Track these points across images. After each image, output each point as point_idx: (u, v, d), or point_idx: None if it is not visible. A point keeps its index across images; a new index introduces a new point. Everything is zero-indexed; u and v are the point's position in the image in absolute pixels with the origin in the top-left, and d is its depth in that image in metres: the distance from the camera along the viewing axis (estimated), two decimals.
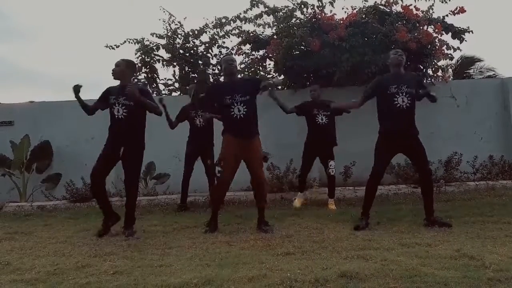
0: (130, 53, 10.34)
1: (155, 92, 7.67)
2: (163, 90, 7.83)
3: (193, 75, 7.74)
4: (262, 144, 3.79)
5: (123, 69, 3.74)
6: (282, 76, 6.86)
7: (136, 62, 7.34)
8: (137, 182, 3.75)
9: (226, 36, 7.42)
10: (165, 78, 7.89)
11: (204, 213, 4.80)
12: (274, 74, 7.30)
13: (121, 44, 7.29)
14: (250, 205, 4.72)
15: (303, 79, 6.81)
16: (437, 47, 6.24)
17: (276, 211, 4.49)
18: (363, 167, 6.05)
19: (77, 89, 3.66)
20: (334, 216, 4.20)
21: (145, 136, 3.75)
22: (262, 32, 7.04)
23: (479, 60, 10.87)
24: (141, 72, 7.51)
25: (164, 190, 6.40)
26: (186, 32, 7.46)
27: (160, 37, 7.40)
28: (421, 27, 6.19)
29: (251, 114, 3.67)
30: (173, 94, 7.90)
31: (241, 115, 3.61)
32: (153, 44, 7.41)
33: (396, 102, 3.59)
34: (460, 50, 6.40)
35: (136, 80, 7.26)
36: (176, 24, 7.41)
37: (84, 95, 3.74)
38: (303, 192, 5.08)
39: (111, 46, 7.20)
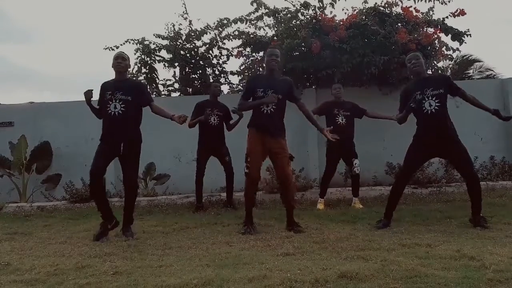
0: (130, 54, 10.30)
1: (154, 93, 7.68)
2: (163, 90, 7.85)
3: (193, 75, 7.75)
4: None
5: (128, 64, 3.74)
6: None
7: (135, 62, 7.37)
8: (137, 180, 3.72)
9: (227, 38, 7.43)
10: (164, 79, 7.90)
11: (205, 214, 4.80)
12: None
13: (122, 44, 7.30)
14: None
15: (303, 80, 6.81)
16: (437, 48, 6.25)
17: (276, 212, 4.49)
18: (364, 168, 6.10)
19: (89, 96, 3.58)
20: (334, 216, 4.20)
21: (145, 137, 3.74)
22: (266, 33, 7.05)
23: (478, 61, 10.89)
24: (140, 73, 7.51)
25: (164, 190, 6.41)
26: (187, 32, 7.47)
27: (164, 38, 7.41)
28: (420, 29, 6.21)
29: (279, 114, 3.65)
30: (173, 94, 7.91)
31: (269, 111, 3.59)
32: (154, 44, 7.41)
33: (424, 107, 3.50)
34: (460, 51, 6.43)
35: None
36: (180, 24, 7.44)
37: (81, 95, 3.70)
38: (324, 197, 5.02)
39: (111, 47, 7.22)
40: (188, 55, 7.52)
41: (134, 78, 7.06)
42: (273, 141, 3.60)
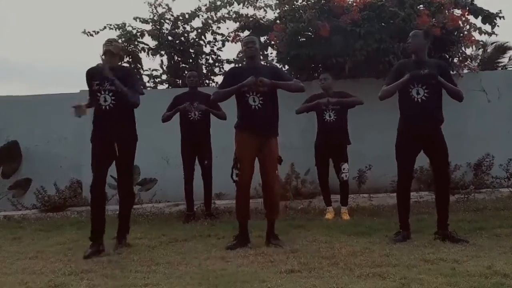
0: None
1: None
2: (148, 82, 7.85)
3: (183, 65, 7.75)
4: None
5: (118, 48, 3.72)
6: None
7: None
8: (132, 184, 3.75)
9: (221, 21, 7.43)
10: (149, 69, 7.92)
11: (196, 224, 4.80)
12: (277, 63, 7.30)
13: (101, 30, 7.31)
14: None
15: (310, 69, 6.81)
16: (465, 33, 6.24)
17: (280, 222, 4.48)
18: (380, 172, 6.11)
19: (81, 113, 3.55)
20: (346, 227, 4.20)
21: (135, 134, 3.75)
22: (263, 16, 7.05)
23: None
24: (122, 62, 7.52)
25: (150, 197, 6.41)
26: (176, 16, 7.47)
27: (145, 21, 7.41)
28: (445, 11, 6.20)
29: (270, 108, 3.64)
30: (160, 87, 7.91)
31: (257, 106, 3.58)
32: (136, 30, 7.42)
33: (411, 94, 3.57)
34: (496, 34, 6.38)
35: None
36: (163, 8, 7.43)
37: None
38: (331, 205, 5.03)
39: (90, 32, 7.22)
40: (176, 41, 7.53)
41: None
42: (263, 141, 3.61)
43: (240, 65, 6.84)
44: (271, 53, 7.38)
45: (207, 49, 7.87)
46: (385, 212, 5.05)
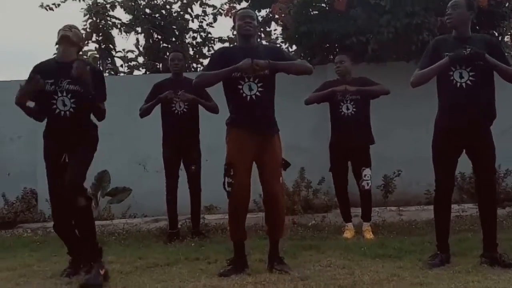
0: (75, 16, 10.35)
1: (108, 71, 7.68)
2: (121, 66, 7.87)
3: (164, 45, 7.75)
4: None
5: (78, 36, 3.70)
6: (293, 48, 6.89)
7: (85, 27, 7.37)
8: (85, 190, 3.63)
9: None
10: (123, 50, 7.92)
11: (181, 244, 4.80)
12: (282, 43, 7.31)
13: (62, 1, 7.31)
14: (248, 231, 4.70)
15: (324, 50, 6.81)
16: None
17: (286, 242, 4.48)
18: (411, 179, 6.09)
19: (38, 87, 3.44)
20: (369, 249, 4.20)
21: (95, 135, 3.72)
22: None
23: None
24: (90, 41, 7.53)
25: (124, 211, 6.42)
26: None
27: None
28: None
29: (267, 98, 3.63)
30: (136, 72, 7.92)
31: (254, 96, 3.56)
32: (106, 1, 7.42)
33: (452, 78, 3.56)
34: None
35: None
36: None
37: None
38: (351, 221, 5.03)
39: (48, 6, 7.22)
40: (156, 15, 7.53)
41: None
42: (262, 141, 3.60)
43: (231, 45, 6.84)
44: (275, 30, 7.40)
45: (194, 25, 7.90)
46: (418, 229, 5.05)
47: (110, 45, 7.70)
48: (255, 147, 3.59)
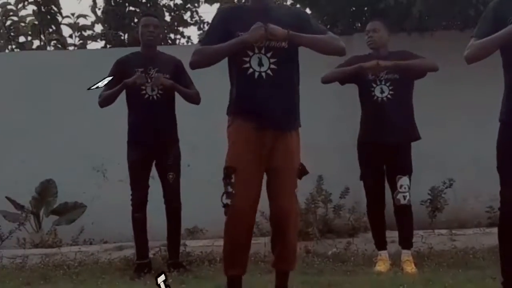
0: None
1: (53, 44, 7.70)
2: (71, 37, 7.90)
3: (131, 8, 7.76)
4: None
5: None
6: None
7: None
8: None
9: None
10: (73, 15, 7.94)
11: (154, 280, 4.80)
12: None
13: None
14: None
15: (349, 16, 6.83)
16: None
17: (297, 277, 4.50)
18: (468, 192, 6.06)
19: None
20: (411, 286, 4.22)
21: (33, 133, 3.73)
22: None
23: None
24: (27, 2, 7.53)
25: (75, 236, 6.43)
26: None
27: None
28: None
29: (288, 78, 3.61)
30: (92, 46, 7.94)
31: (265, 74, 3.52)
32: None
33: None
34: None
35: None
36: None
37: None
38: (385, 248, 5.03)
39: None
40: None
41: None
42: (276, 138, 3.57)
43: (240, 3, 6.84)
44: None
45: None
46: (476, 260, 5.08)
47: (54, 8, 7.67)
48: (266, 146, 3.54)
